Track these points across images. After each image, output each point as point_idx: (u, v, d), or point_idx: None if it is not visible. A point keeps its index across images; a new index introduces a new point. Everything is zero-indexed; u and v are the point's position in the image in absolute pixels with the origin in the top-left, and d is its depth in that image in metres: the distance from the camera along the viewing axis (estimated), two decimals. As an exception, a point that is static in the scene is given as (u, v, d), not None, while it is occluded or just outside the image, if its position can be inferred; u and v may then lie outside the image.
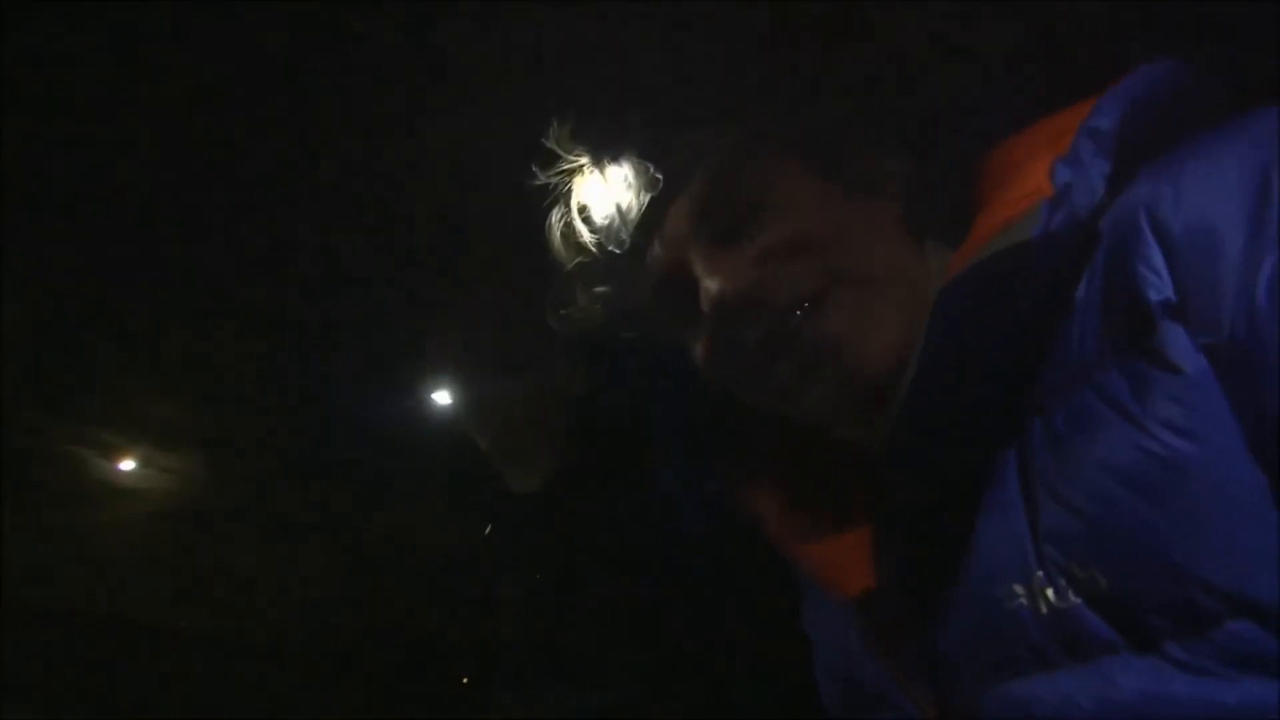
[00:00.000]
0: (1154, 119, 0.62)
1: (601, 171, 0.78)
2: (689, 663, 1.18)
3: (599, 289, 0.82)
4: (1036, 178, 0.62)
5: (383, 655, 3.40)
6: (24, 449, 2.62)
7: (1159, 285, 0.54)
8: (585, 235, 0.80)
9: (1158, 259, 0.54)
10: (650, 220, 0.76)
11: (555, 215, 0.81)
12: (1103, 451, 0.55)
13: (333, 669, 3.56)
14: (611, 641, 1.23)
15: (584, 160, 0.79)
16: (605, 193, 0.78)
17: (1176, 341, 0.52)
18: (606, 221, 0.78)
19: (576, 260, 0.81)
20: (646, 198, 0.75)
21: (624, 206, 0.77)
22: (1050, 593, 0.56)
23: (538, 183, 0.81)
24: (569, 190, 0.80)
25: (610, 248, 0.78)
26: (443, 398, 1.57)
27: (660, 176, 0.75)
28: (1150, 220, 0.55)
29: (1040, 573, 0.57)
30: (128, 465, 3.00)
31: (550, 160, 0.80)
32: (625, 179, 0.77)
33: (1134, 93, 0.63)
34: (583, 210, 0.80)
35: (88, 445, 2.88)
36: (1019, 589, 0.58)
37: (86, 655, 3.13)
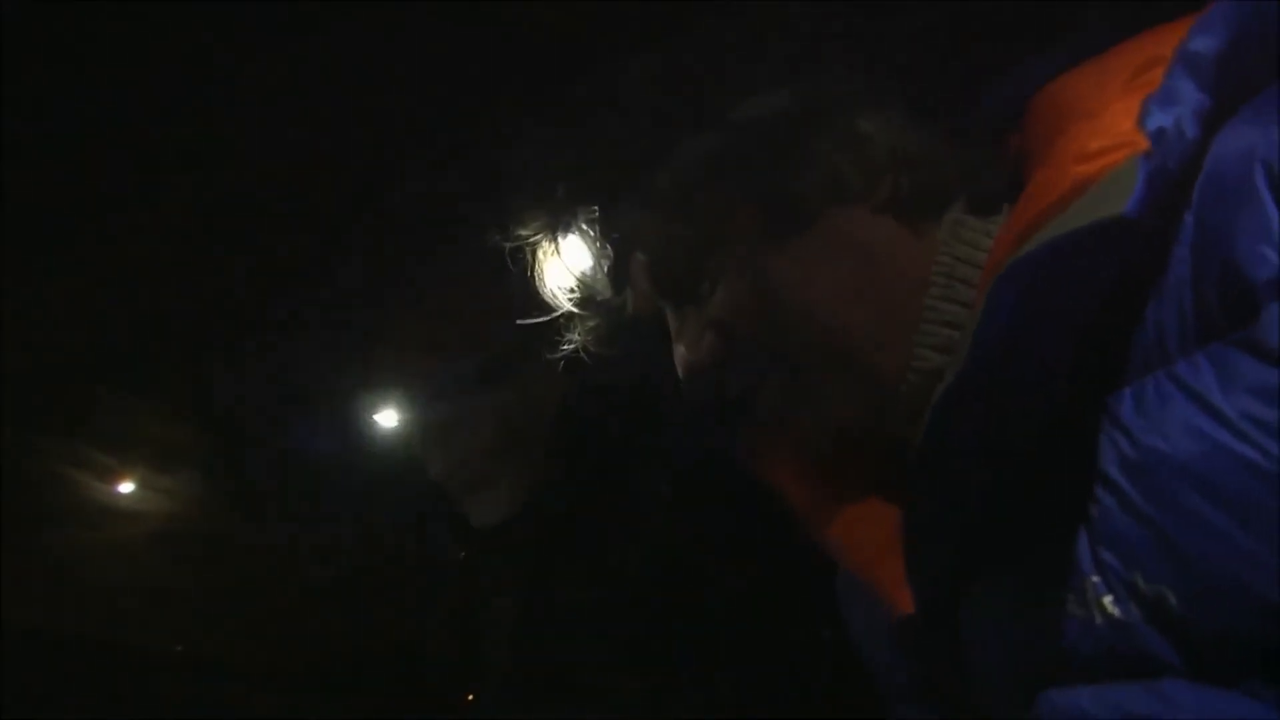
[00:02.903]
0: (1259, 48, 0.51)
1: (556, 245, 0.80)
2: (683, 678, 1.15)
3: (590, 324, 0.83)
4: (1116, 124, 0.52)
5: (383, 676, 3.37)
6: (21, 470, 2.60)
7: (1271, 259, 0.44)
8: (561, 297, 0.82)
9: (1274, 227, 0.44)
10: (617, 279, 0.77)
11: (533, 274, 0.83)
12: (1177, 451, 0.47)
13: (333, 690, 3.53)
14: (601, 658, 1.19)
15: (539, 235, 0.80)
16: (566, 263, 0.80)
17: None
18: (577, 284, 0.81)
19: (563, 310, 0.83)
20: (605, 264, 0.76)
21: (587, 273, 0.79)
22: (1108, 601, 0.50)
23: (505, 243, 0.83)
24: (535, 258, 0.82)
25: (589, 300, 0.80)
26: (389, 419, 1.41)
27: (609, 244, 0.75)
28: (1269, 179, 0.45)
29: (1096, 579, 0.51)
30: (126, 487, 2.98)
31: (511, 229, 0.82)
32: (580, 248, 0.78)
33: (1246, 11, 0.51)
34: (552, 275, 0.82)
35: (85, 467, 2.86)
36: (1069, 595, 0.52)
37: (83, 678, 3.10)
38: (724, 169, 0.70)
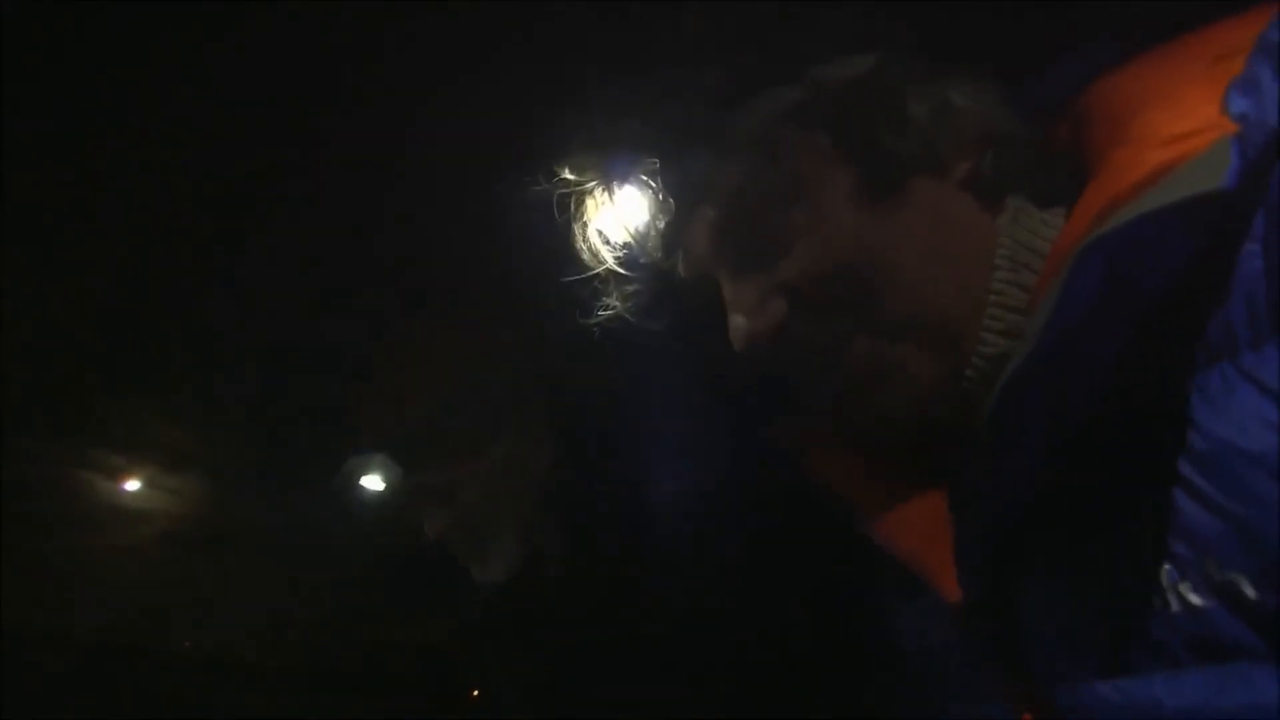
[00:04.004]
0: None
1: (610, 196, 0.75)
2: (700, 676, 1.14)
3: (630, 289, 0.79)
4: (1199, 109, 0.52)
5: (391, 676, 3.38)
6: (26, 470, 2.60)
7: None
8: (605, 253, 0.78)
9: None
10: (670, 240, 0.72)
11: (575, 229, 0.78)
12: (1248, 440, 0.47)
13: (341, 690, 3.54)
14: (617, 658, 1.17)
15: (592, 183, 0.75)
16: (618, 216, 0.75)
17: None
18: (625, 242, 0.76)
19: (603, 268, 0.78)
20: (661, 221, 0.72)
21: (640, 230, 0.74)
22: (1185, 588, 0.50)
23: (545, 193, 0.77)
24: (582, 208, 0.77)
25: (634, 261, 0.76)
26: (374, 483, 1.33)
27: (672, 200, 0.71)
28: None
29: (1167, 566, 0.51)
30: (132, 486, 2.98)
31: (557, 179, 0.76)
32: (637, 202, 0.73)
33: None
34: (599, 232, 0.77)
35: (91, 466, 2.86)
36: (1139, 582, 0.52)
37: (90, 680, 3.11)
38: (813, 121, 0.67)
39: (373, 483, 1.25)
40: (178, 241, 1.88)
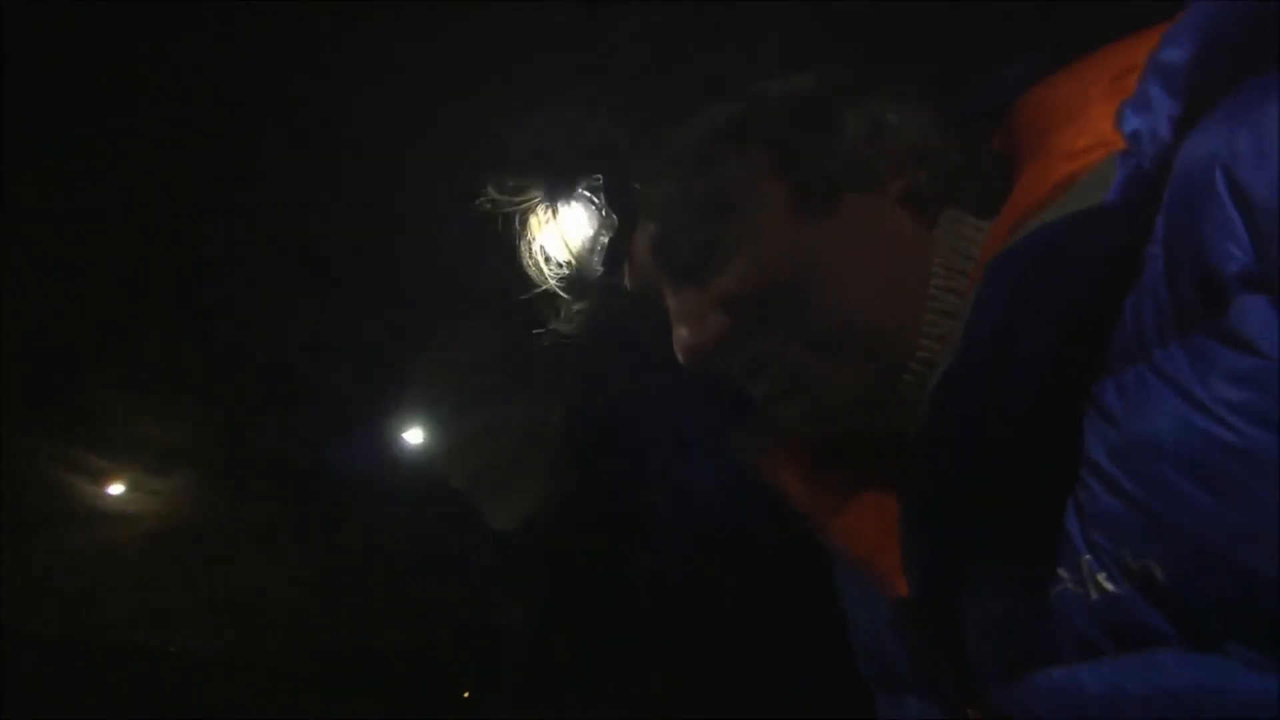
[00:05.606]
0: (1231, 54, 0.54)
1: (554, 213, 0.75)
2: (700, 674, 1.17)
3: (577, 305, 0.79)
4: (1098, 125, 0.55)
5: (379, 673, 3.37)
6: (14, 473, 2.58)
7: (1236, 255, 0.47)
8: (548, 270, 0.78)
9: (1236, 225, 0.48)
10: (614, 254, 0.73)
11: (520, 245, 0.78)
12: (1158, 435, 0.50)
13: (329, 688, 3.53)
14: (617, 656, 1.21)
15: (534, 199, 0.75)
16: (561, 233, 0.76)
17: (1254, 316, 0.46)
18: (569, 258, 0.76)
19: (550, 284, 0.78)
20: (605, 236, 0.73)
21: (584, 246, 0.75)
22: (1102, 578, 0.53)
23: (487, 216, 0.77)
24: (526, 224, 0.77)
25: (579, 275, 0.76)
26: (416, 437, 1.58)
27: (614, 216, 0.71)
28: (1228, 181, 0.49)
29: (1089, 557, 0.54)
30: (116, 489, 2.97)
31: (498, 199, 0.76)
32: (580, 219, 0.74)
33: (1211, 20, 0.54)
34: (543, 248, 0.78)
35: (75, 469, 2.84)
36: (1064, 573, 0.55)
37: (78, 679, 3.08)
38: (751, 139, 0.68)
39: (415, 436, 1.49)
40: (176, 240, 1.88)
